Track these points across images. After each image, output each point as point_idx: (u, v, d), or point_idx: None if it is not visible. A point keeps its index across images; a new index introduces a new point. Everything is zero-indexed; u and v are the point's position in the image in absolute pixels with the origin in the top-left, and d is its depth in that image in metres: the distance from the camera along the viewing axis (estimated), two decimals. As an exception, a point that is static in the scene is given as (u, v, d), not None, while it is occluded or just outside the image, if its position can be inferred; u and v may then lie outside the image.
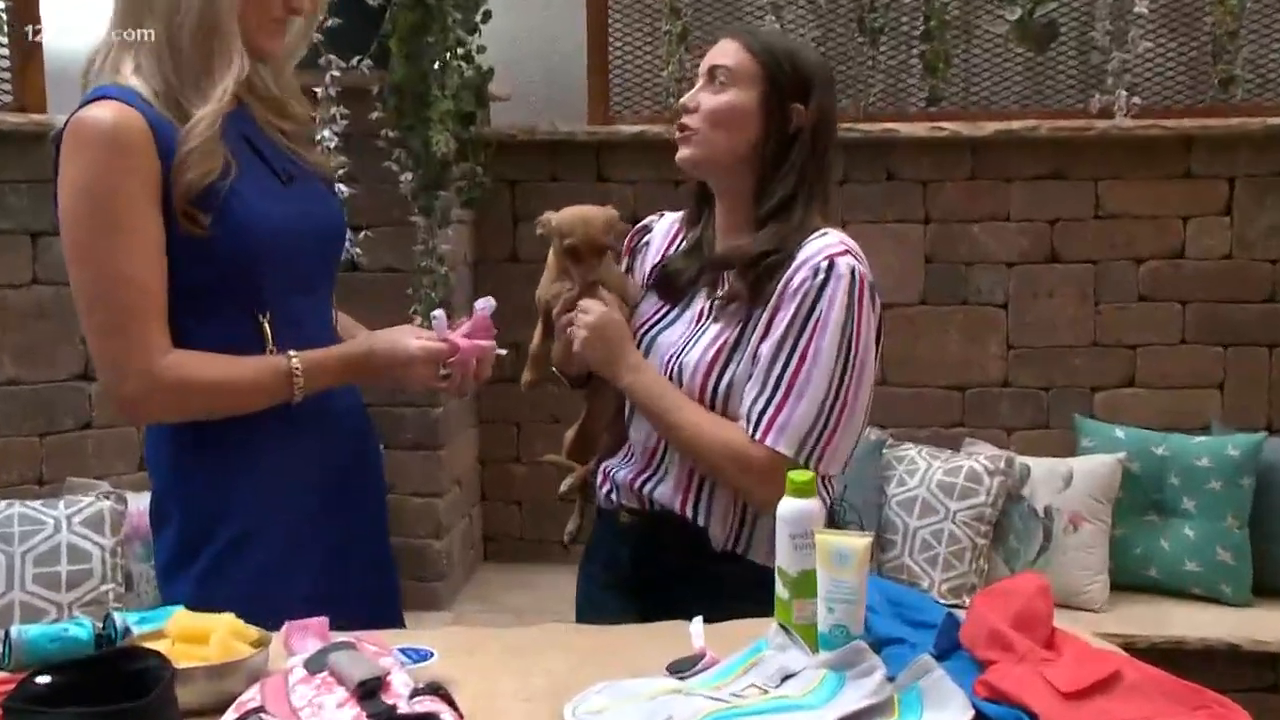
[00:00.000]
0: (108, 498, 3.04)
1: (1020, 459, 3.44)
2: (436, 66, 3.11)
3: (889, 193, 3.66)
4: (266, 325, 1.64)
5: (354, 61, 3.12)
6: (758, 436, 1.68)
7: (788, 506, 1.44)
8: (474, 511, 3.88)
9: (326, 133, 3.03)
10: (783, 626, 1.41)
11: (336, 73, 3.08)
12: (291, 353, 1.64)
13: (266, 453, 1.66)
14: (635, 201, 3.60)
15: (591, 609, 1.90)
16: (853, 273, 1.66)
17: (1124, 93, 3.47)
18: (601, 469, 1.90)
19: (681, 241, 1.89)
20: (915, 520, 3.34)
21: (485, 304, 1.75)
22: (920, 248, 3.66)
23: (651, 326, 1.84)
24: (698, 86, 1.79)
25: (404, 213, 3.23)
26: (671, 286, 1.84)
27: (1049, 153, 3.61)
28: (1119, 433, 3.49)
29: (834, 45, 3.69)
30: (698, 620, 1.51)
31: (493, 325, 1.75)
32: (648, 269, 1.92)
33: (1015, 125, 3.56)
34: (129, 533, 3.06)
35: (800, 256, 1.69)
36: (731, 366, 1.72)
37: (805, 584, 1.42)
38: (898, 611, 1.49)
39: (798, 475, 1.45)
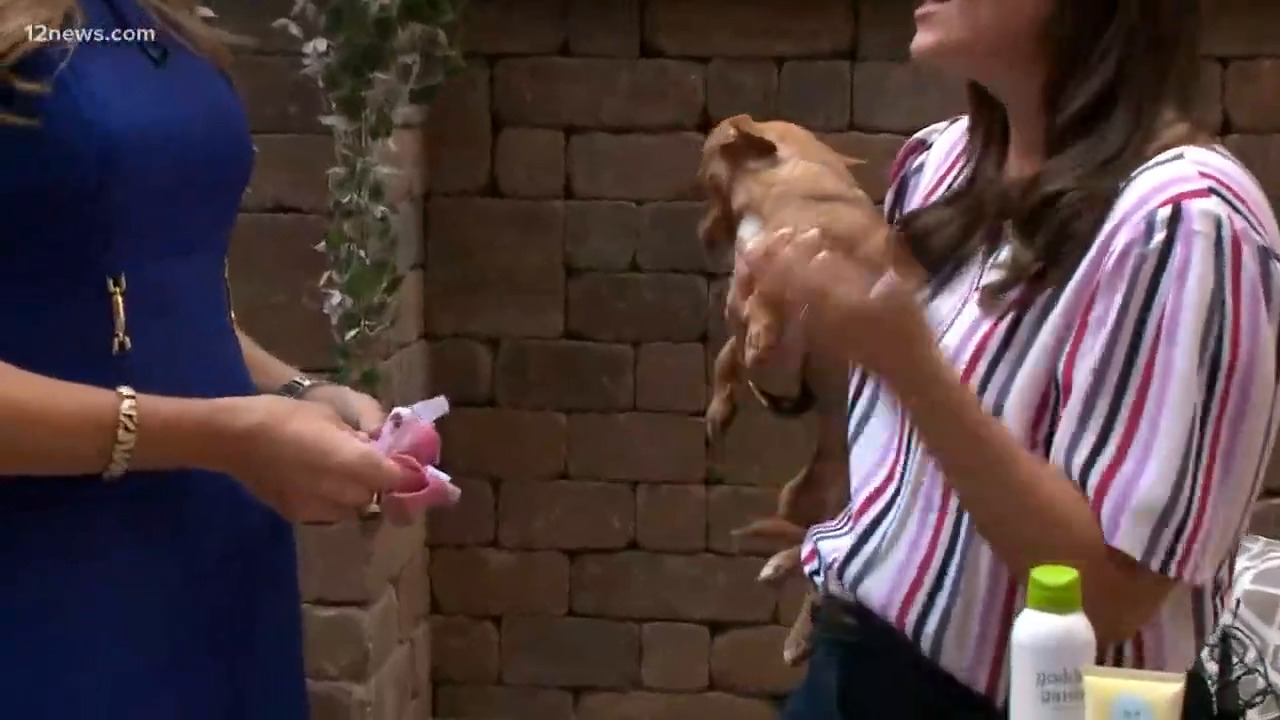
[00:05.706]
0: None
1: None
2: None
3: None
4: (119, 298, 1.67)
5: None
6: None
7: (1031, 626, 1.47)
8: (419, 634, 3.94)
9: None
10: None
11: None
12: (125, 390, 1.64)
13: (108, 540, 1.68)
14: (707, 95, 3.63)
15: None
16: (1218, 226, 1.65)
17: None
18: (811, 535, 1.97)
19: (961, 171, 1.94)
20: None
21: (433, 408, 1.78)
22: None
23: None
24: None
25: (310, 110, 3.31)
26: (925, 251, 1.87)
27: None
28: None
29: None
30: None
31: (439, 439, 1.78)
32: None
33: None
34: None
35: (1126, 200, 1.69)
36: (994, 385, 1.74)
37: (1064, 763, 1.44)
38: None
39: (1046, 575, 1.47)
